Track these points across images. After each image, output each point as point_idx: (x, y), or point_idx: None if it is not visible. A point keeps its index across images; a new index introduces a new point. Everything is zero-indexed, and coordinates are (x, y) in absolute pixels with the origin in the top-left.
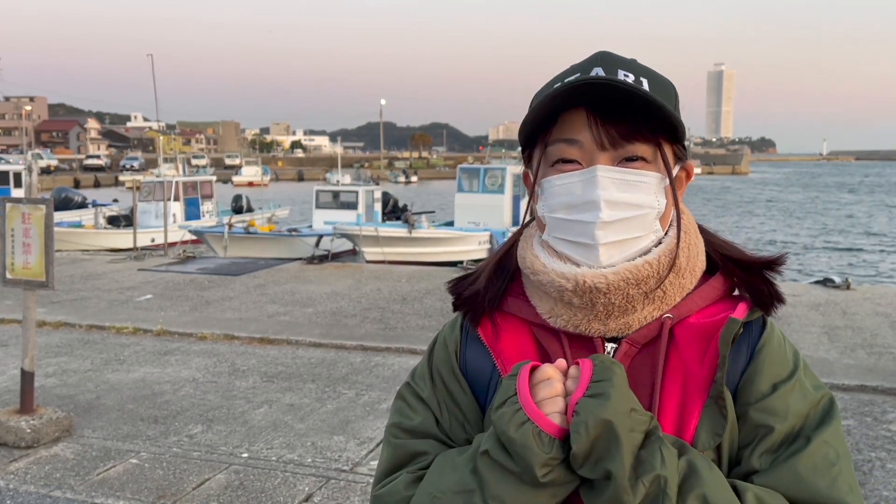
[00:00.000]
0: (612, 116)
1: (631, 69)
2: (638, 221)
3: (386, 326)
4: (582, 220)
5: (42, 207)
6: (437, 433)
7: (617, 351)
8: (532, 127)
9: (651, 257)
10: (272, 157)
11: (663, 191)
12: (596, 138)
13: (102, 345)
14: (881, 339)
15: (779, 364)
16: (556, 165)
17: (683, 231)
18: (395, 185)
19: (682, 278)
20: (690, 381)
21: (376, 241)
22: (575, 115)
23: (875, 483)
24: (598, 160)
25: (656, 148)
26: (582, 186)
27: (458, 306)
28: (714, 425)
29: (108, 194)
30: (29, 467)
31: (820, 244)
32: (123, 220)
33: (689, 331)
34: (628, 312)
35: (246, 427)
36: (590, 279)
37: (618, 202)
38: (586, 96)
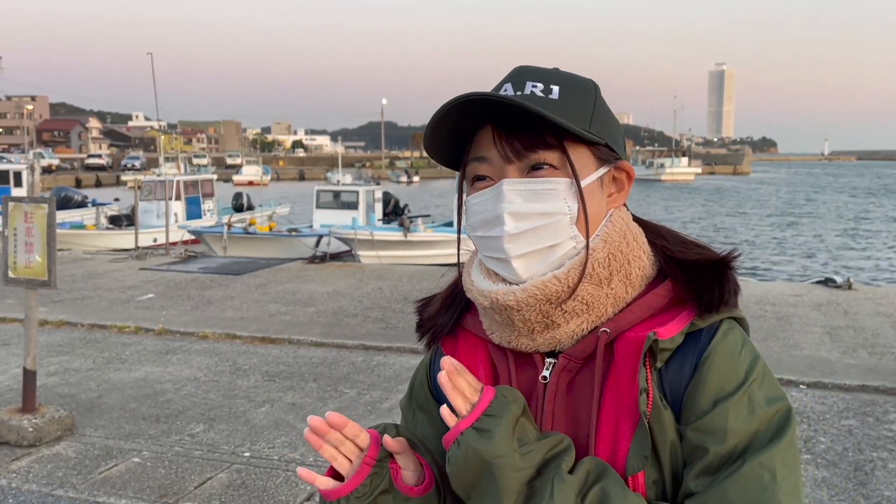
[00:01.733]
0: (515, 129)
1: (542, 79)
2: (549, 229)
3: (387, 326)
4: (492, 235)
5: (44, 206)
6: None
7: (555, 366)
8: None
9: (560, 272)
10: (273, 157)
11: (574, 195)
12: (501, 153)
13: (104, 344)
14: (883, 339)
15: (724, 376)
16: (474, 184)
17: (602, 239)
18: (396, 185)
19: (608, 288)
20: (623, 399)
21: (371, 245)
22: (485, 132)
23: (877, 483)
24: (507, 173)
25: (562, 154)
26: (492, 202)
27: (418, 328)
28: (642, 447)
29: (109, 194)
30: (31, 466)
31: (830, 244)
32: (125, 220)
33: (627, 346)
34: (551, 328)
35: (248, 426)
36: (501, 297)
37: (523, 213)
38: (492, 114)
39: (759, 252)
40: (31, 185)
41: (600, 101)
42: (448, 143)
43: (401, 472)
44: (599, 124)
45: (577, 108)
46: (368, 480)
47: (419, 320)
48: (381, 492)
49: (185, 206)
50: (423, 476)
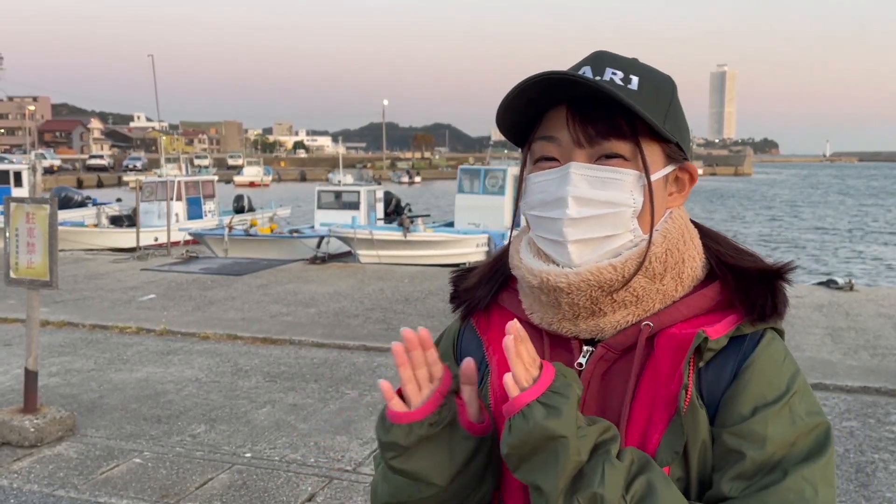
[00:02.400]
0: (591, 114)
1: (622, 67)
2: (610, 219)
3: (388, 327)
4: (552, 216)
5: (46, 207)
6: None
7: (592, 354)
8: (520, 127)
9: (617, 260)
10: (275, 158)
11: (641, 189)
12: (573, 136)
13: (105, 344)
14: (884, 341)
15: (766, 384)
16: (538, 163)
17: (662, 235)
18: (397, 186)
19: (660, 284)
20: (660, 394)
21: (371, 245)
22: (557, 113)
23: (878, 485)
24: (574, 157)
25: (635, 146)
26: (556, 184)
27: (453, 299)
28: (674, 442)
29: (111, 194)
30: (32, 466)
31: (826, 244)
32: (126, 220)
33: (667, 340)
34: (597, 315)
35: (249, 427)
36: (553, 278)
37: (588, 199)
38: (567, 94)
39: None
40: (32, 186)
41: (676, 99)
42: (516, 117)
43: (465, 408)
44: (672, 122)
45: (653, 102)
46: (439, 410)
47: (454, 291)
48: (447, 424)
49: (187, 207)
50: (483, 416)
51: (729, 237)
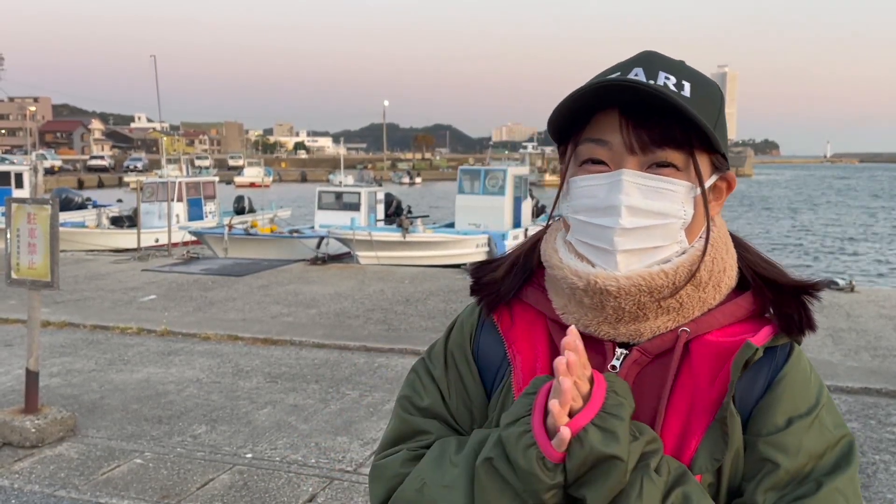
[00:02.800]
0: (644, 120)
1: (674, 72)
2: (660, 230)
3: (389, 327)
4: (602, 224)
5: (47, 208)
6: (445, 414)
7: (626, 357)
8: (564, 123)
9: (669, 266)
10: (275, 158)
11: (692, 200)
12: (626, 141)
13: (106, 345)
14: (885, 342)
15: (799, 397)
16: (584, 165)
17: (711, 244)
18: (398, 187)
19: (702, 292)
20: (698, 400)
21: (370, 246)
22: (608, 115)
23: (879, 486)
24: (626, 164)
25: (688, 156)
26: (606, 190)
27: (475, 291)
28: (714, 449)
29: (111, 195)
30: (33, 467)
31: (828, 246)
32: (127, 221)
33: (705, 348)
34: (640, 320)
35: (250, 427)
36: (601, 281)
37: (641, 209)
38: (620, 97)
39: None
40: (34, 187)
41: (724, 106)
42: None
43: None
44: (720, 131)
45: (705, 110)
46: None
47: (476, 281)
48: None
49: (187, 208)
50: None
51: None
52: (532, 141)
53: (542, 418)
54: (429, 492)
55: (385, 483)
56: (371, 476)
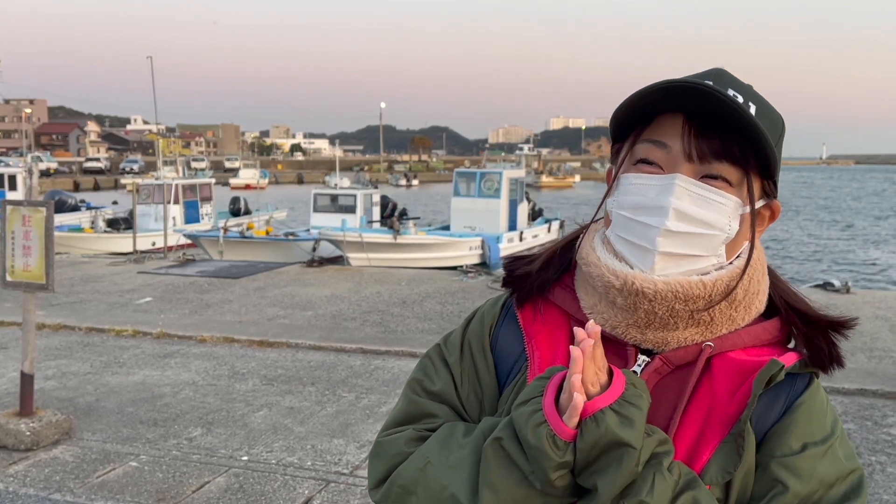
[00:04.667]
0: (707, 130)
1: (742, 92)
2: (703, 240)
3: (386, 329)
4: (646, 222)
5: (42, 210)
6: (455, 401)
7: (649, 364)
8: (626, 121)
9: (707, 278)
10: (271, 160)
11: (738, 217)
12: (685, 147)
13: (102, 347)
14: (881, 343)
15: (815, 424)
16: (638, 164)
17: (751, 265)
18: (396, 189)
19: (734, 310)
20: (715, 413)
21: (361, 247)
22: (671, 119)
23: (875, 487)
24: (680, 169)
25: (743, 174)
26: (657, 190)
27: (507, 283)
28: (727, 463)
29: (108, 197)
30: (28, 470)
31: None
32: (123, 223)
33: (727, 364)
34: (668, 328)
35: (246, 430)
36: (639, 282)
37: (688, 215)
38: (687, 104)
39: None
40: (28, 189)
41: (783, 136)
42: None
43: None
44: (776, 159)
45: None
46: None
47: (510, 273)
48: None
49: (184, 210)
50: None
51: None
52: (528, 143)
53: (555, 399)
54: (432, 471)
55: (387, 461)
56: (372, 453)
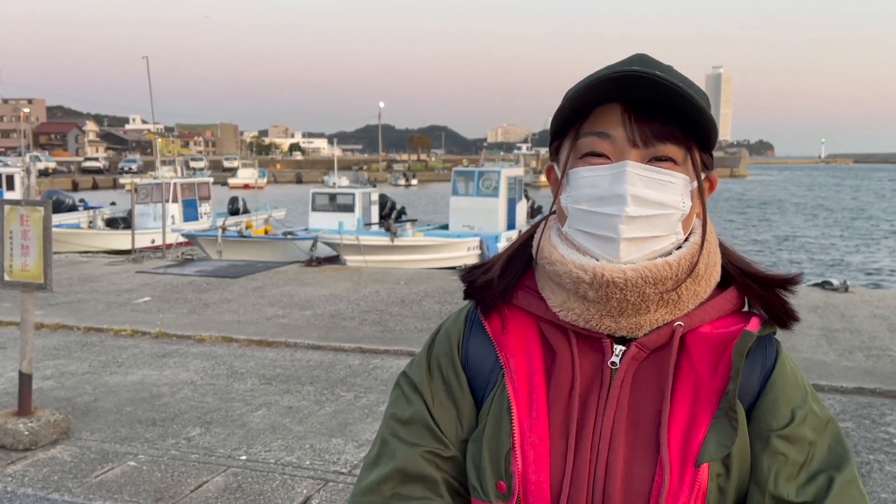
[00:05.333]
0: (646, 114)
1: (669, 73)
2: (662, 220)
3: (384, 329)
4: (606, 212)
5: (40, 210)
6: (429, 423)
7: (625, 354)
8: (564, 118)
9: (671, 259)
10: (270, 160)
11: (689, 194)
12: (629, 135)
13: (100, 347)
14: (879, 342)
15: (793, 386)
16: (584, 158)
17: (706, 238)
18: (394, 188)
19: (697, 285)
20: (702, 390)
21: (358, 250)
22: (609, 109)
23: (874, 486)
24: (628, 156)
25: (687, 151)
26: (610, 180)
27: (469, 295)
28: (723, 437)
29: (106, 197)
30: (27, 469)
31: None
32: (122, 223)
33: (701, 340)
34: (641, 312)
35: (244, 429)
36: (608, 273)
37: (644, 199)
38: (623, 92)
39: (755, 254)
40: (27, 189)
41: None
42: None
43: None
44: (716, 133)
45: None
46: None
47: (471, 284)
48: None
49: (183, 209)
50: None
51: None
52: (527, 142)
53: None
54: None
55: None
56: None
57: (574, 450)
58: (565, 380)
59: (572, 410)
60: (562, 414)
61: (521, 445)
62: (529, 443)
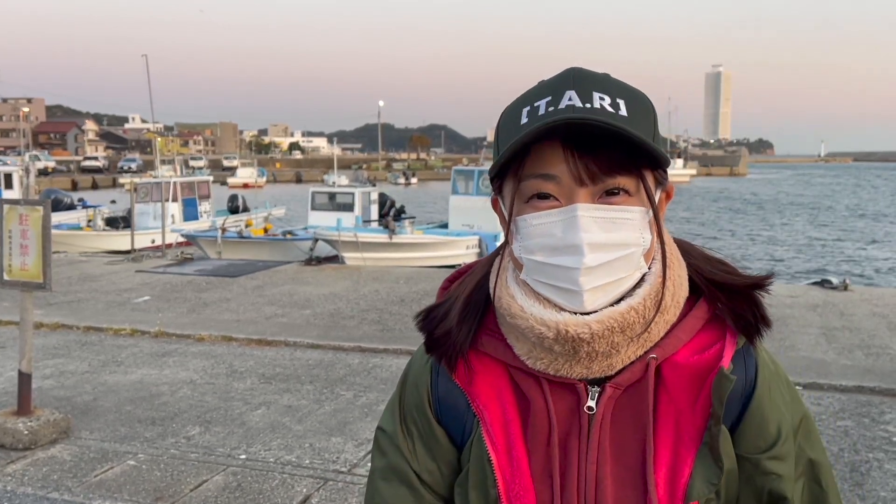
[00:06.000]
0: (590, 148)
1: (605, 89)
2: (623, 262)
3: (384, 328)
4: (564, 265)
5: (39, 209)
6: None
7: (601, 396)
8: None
9: (635, 302)
10: (270, 159)
11: (648, 225)
12: (573, 173)
13: (100, 346)
14: (878, 340)
15: (776, 398)
16: (530, 201)
17: (668, 266)
18: (395, 187)
19: (666, 315)
20: (683, 425)
21: (356, 247)
22: (549, 146)
23: (873, 484)
24: (576, 197)
25: (639, 180)
26: (562, 227)
27: (431, 348)
28: (709, 474)
29: (106, 196)
30: (26, 469)
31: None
32: (122, 222)
33: (677, 371)
34: (612, 356)
35: (244, 428)
36: (572, 329)
37: (602, 244)
38: (561, 128)
39: (754, 251)
40: (26, 188)
41: (657, 120)
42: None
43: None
44: (660, 143)
45: (644, 127)
46: None
47: (430, 336)
48: None
49: (182, 208)
50: None
51: (696, 244)
52: None
53: None
54: None
55: None
56: None
57: (560, 498)
58: (542, 428)
59: (553, 458)
60: (543, 462)
61: (506, 497)
62: (514, 494)
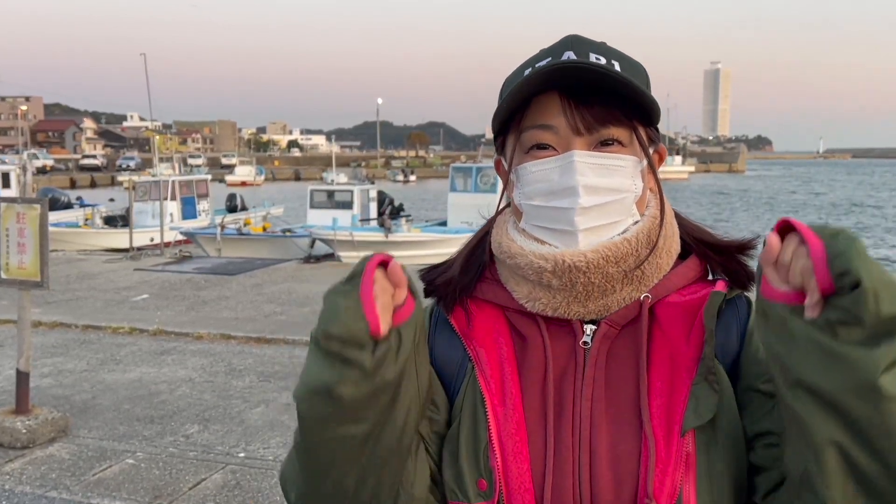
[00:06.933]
0: (586, 100)
1: (602, 52)
2: (616, 206)
3: None
4: (560, 206)
5: (37, 207)
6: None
7: (596, 332)
8: (504, 114)
9: (629, 235)
10: (268, 157)
11: (640, 174)
12: (571, 123)
13: (98, 345)
14: None
15: None
16: (530, 152)
17: (664, 210)
18: (393, 185)
19: (658, 258)
20: (678, 359)
21: (352, 246)
22: (548, 99)
23: None
24: (573, 145)
25: (632, 131)
26: (559, 172)
27: (431, 293)
28: (705, 401)
29: (104, 194)
30: (24, 468)
31: None
32: (120, 221)
33: (670, 309)
34: (607, 293)
35: (242, 427)
36: (569, 258)
37: (596, 187)
38: (559, 80)
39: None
40: (23, 186)
41: (650, 83)
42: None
43: None
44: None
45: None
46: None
47: (430, 283)
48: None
49: (181, 207)
50: None
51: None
52: None
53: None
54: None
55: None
56: None
57: (554, 435)
58: (538, 364)
59: (548, 395)
60: (537, 399)
61: (498, 437)
62: (506, 433)
